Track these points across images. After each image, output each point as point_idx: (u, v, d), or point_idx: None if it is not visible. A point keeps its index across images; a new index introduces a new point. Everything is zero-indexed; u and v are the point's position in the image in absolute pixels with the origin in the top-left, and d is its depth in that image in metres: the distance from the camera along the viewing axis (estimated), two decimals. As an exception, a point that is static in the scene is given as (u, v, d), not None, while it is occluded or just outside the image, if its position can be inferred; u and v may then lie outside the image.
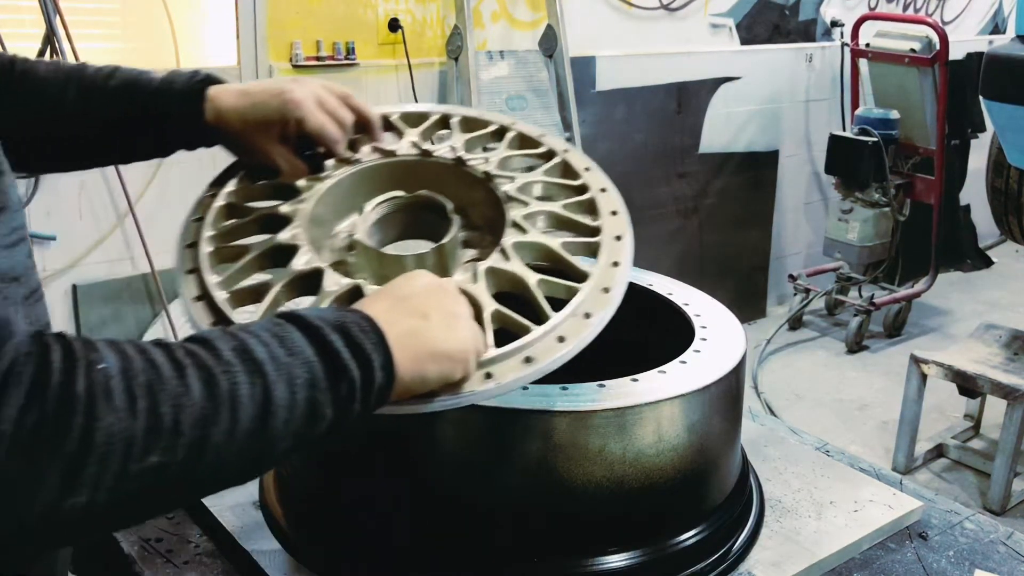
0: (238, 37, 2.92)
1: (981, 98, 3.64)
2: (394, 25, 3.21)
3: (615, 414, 0.94)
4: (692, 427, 0.99)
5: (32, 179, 2.61)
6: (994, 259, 5.82)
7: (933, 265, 4.72)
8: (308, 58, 3.07)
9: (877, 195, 4.44)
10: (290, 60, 3.03)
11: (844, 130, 4.60)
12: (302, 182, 1.04)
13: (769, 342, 4.44)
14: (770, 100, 4.67)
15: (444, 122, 1.17)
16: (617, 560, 0.97)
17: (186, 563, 1.06)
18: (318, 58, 3.09)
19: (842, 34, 4.86)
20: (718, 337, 1.12)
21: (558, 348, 0.86)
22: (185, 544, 1.09)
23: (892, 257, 4.70)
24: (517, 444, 0.94)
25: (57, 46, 2.56)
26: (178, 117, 1.01)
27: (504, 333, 0.87)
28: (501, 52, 3.50)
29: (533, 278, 0.92)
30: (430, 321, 0.77)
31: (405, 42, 3.23)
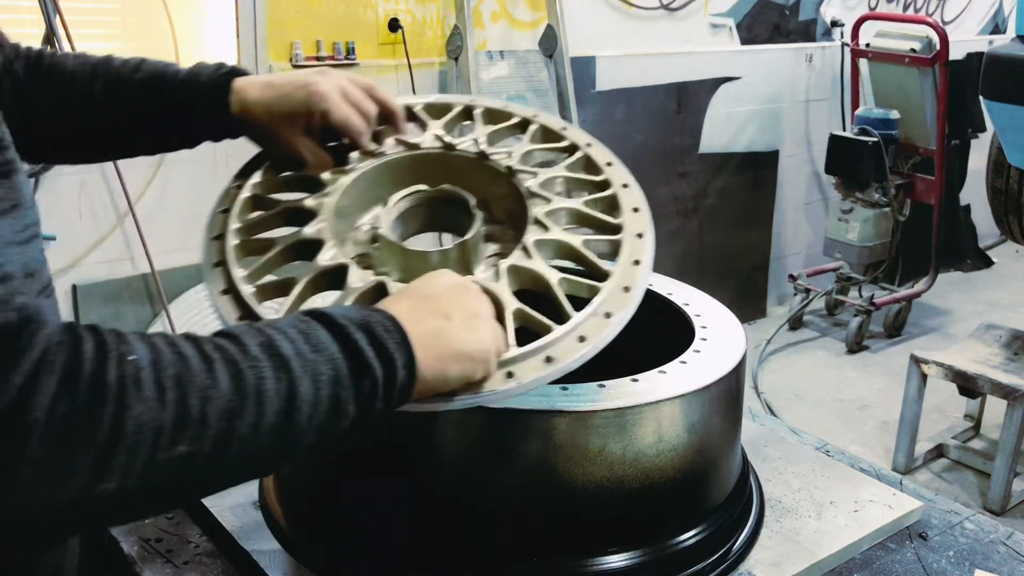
0: (238, 37, 2.92)
1: (981, 98, 3.64)
2: (394, 25, 3.21)
3: (615, 414, 0.94)
4: (692, 427, 0.99)
5: (32, 179, 2.61)
6: (994, 259, 5.82)
7: (933, 265, 4.72)
8: (308, 58, 3.06)
9: (877, 195, 4.44)
10: (290, 60, 3.03)
11: (844, 130, 4.60)
12: (326, 174, 1.04)
13: (769, 342, 4.44)
14: (770, 100, 4.67)
15: (467, 113, 1.18)
16: (617, 560, 0.97)
17: (186, 563, 1.06)
18: (318, 58, 3.08)
19: (842, 34, 4.86)
20: (718, 337, 1.12)
21: (579, 348, 0.86)
22: (185, 544, 1.09)
23: (892, 257, 4.69)
24: (517, 444, 0.93)
25: (57, 46, 2.55)
26: (204, 109, 1.02)
27: (525, 331, 0.87)
28: (501, 52, 3.50)
29: (555, 277, 0.92)
30: (452, 321, 0.78)
31: (405, 42, 3.22)
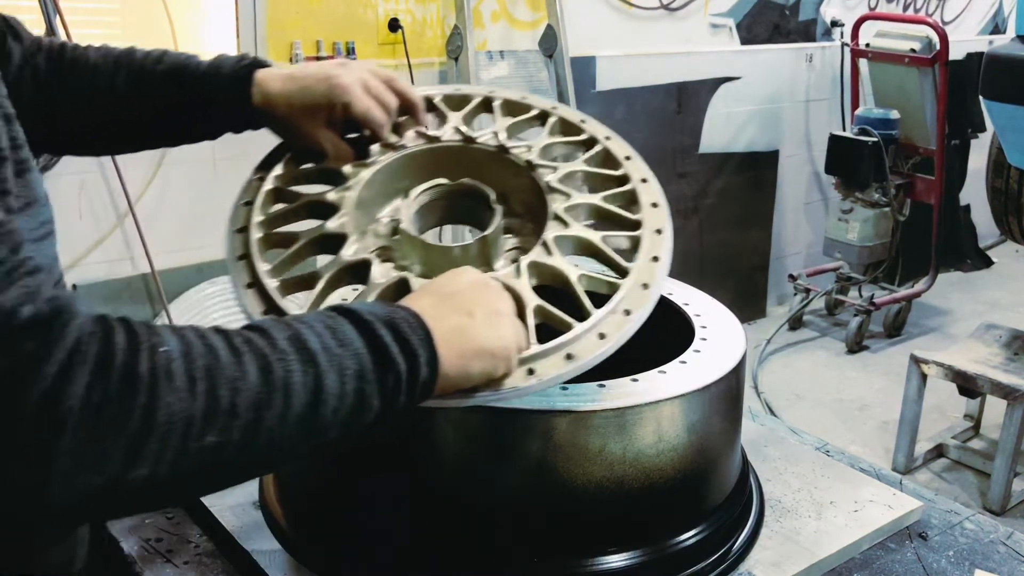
0: (238, 37, 2.92)
1: (981, 98, 3.64)
2: (394, 25, 3.21)
3: (615, 414, 0.94)
4: (692, 427, 0.99)
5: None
6: (994, 259, 5.82)
7: (933, 265, 4.72)
8: (308, 58, 3.06)
9: (877, 195, 4.44)
10: (290, 60, 3.02)
11: (844, 130, 4.59)
12: (348, 167, 1.05)
13: (769, 342, 4.44)
14: (770, 100, 4.66)
15: (486, 105, 1.18)
16: (617, 560, 0.97)
17: (186, 563, 1.06)
18: (318, 58, 3.08)
19: (842, 34, 4.86)
20: (718, 337, 1.12)
21: (599, 345, 0.87)
22: (185, 544, 1.09)
23: (892, 257, 4.69)
24: (517, 444, 0.93)
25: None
26: (226, 101, 1.03)
27: (545, 327, 0.88)
28: (501, 52, 3.50)
29: (575, 273, 0.93)
30: (475, 319, 0.79)
31: (405, 42, 3.22)
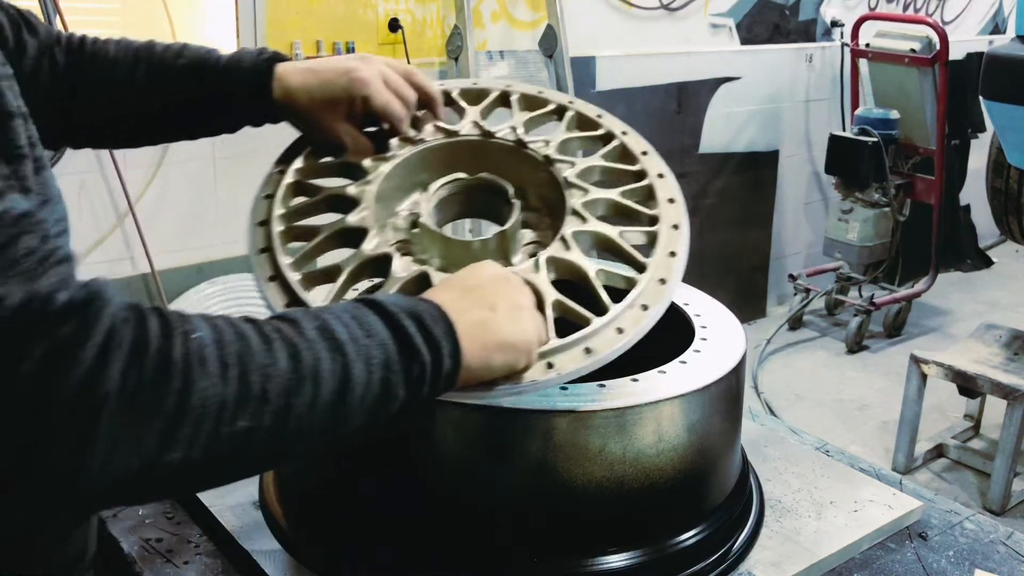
0: (238, 37, 2.92)
1: (981, 98, 3.64)
2: (394, 25, 3.21)
3: (615, 414, 0.94)
4: (692, 427, 0.99)
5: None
6: (994, 259, 5.82)
7: (933, 265, 4.72)
8: (308, 58, 3.06)
9: (877, 195, 4.44)
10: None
11: (844, 130, 4.59)
12: (367, 161, 1.05)
13: (769, 342, 4.44)
14: (770, 100, 4.66)
15: (504, 99, 1.19)
16: (617, 560, 0.97)
17: (186, 563, 1.06)
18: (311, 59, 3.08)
19: (842, 34, 4.86)
20: (718, 337, 1.12)
21: (617, 339, 0.88)
22: (185, 544, 1.09)
23: (892, 257, 4.69)
24: (517, 444, 0.93)
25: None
26: (246, 95, 1.03)
27: (563, 321, 0.89)
28: (501, 52, 3.50)
29: (593, 268, 0.94)
30: (496, 312, 0.81)
31: (405, 42, 3.22)
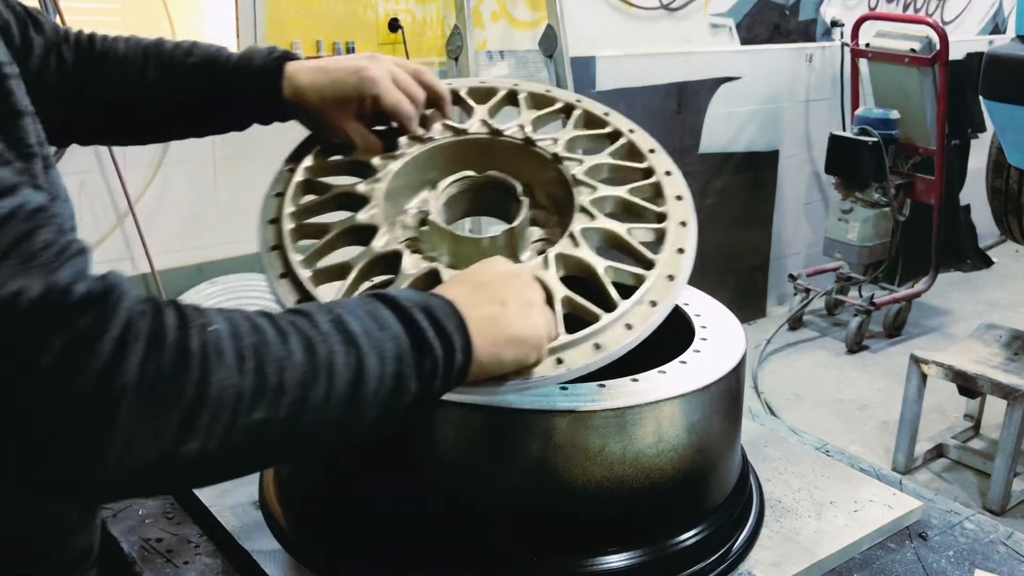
0: (238, 37, 2.92)
1: (981, 98, 3.64)
2: (394, 25, 3.21)
3: (615, 414, 0.94)
4: (692, 427, 0.99)
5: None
6: (994, 259, 5.82)
7: (933, 265, 4.72)
8: (308, 58, 3.06)
9: (877, 195, 4.43)
10: (290, 60, 3.02)
11: (844, 130, 4.59)
12: (376, 159, 1.06)
13: (769, 342, 4.44)
14: (770, 100, 4.66)
15: (511, 98, 1.20)
16: (617, 560, 0.97)
17: (186, 563, 1.06)
18: (318, 58, 3.08)
19: (842, 34, 4.86)
20: (718, 337, 1.12)
21: (626, 335, 0.88)
22: (185, 544, 1.09)
23: (892, 257, 4.69)
24: (517, 444, 0.94)
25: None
26: (257, 94, 1.04)
27: (571, 318, 0.89)
28: (501, 52, 3.50)
29: (601, 265, 0.94)
30: (507, 307, 0.81)
31: (405, 42, 3.22)
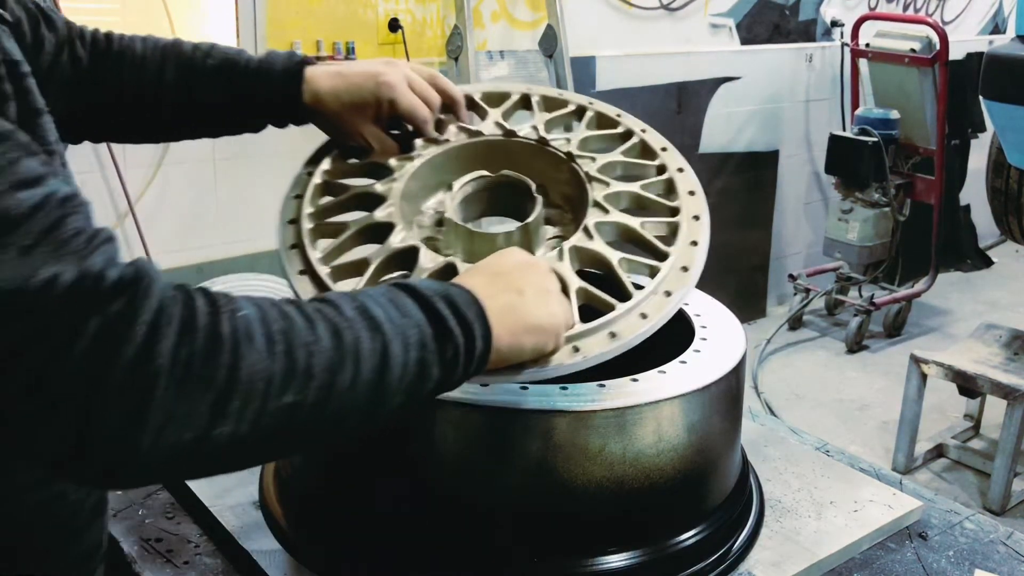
0: (238, 37, 2.92)
1: (981, 98, 3.64)
2: (394, 25, 3.21)
3: (615, 414, 0.94)
4: (692, 427, 0.99)
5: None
6: (994, 259, 5.82)
7: (933, 265, 4.72)
8: (317, 58, 3.06)
9: (877, 195, 4.44)
10: (290, 60, 3.02)
11: (844, 130, 4.59)
12: (393, 161, 1.08)
13: (769, 342, 4.44)
14: (770, 100, 4.66)
15: (525, 101, 1.22)
16: (617, 560, 0.97)
17: (186, 563, 1.06)
18: (318, 58, 3.07)
19: (842, 34, 4.86)
20: (718, 337, 1.12)
21: (641, 324, 0.89)
22: (185, 544, 1.09)
23: (892, 257, 4.69)
24: (517, 444, 0.94)
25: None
26: (277, 98, 1.05)
27: (587, 310, 0.90)
28: (501, 52, 3.50)
29: (616, 257, 0.96)
30: (525, 296, 0.82)
31: (405, 42, 3.22)
